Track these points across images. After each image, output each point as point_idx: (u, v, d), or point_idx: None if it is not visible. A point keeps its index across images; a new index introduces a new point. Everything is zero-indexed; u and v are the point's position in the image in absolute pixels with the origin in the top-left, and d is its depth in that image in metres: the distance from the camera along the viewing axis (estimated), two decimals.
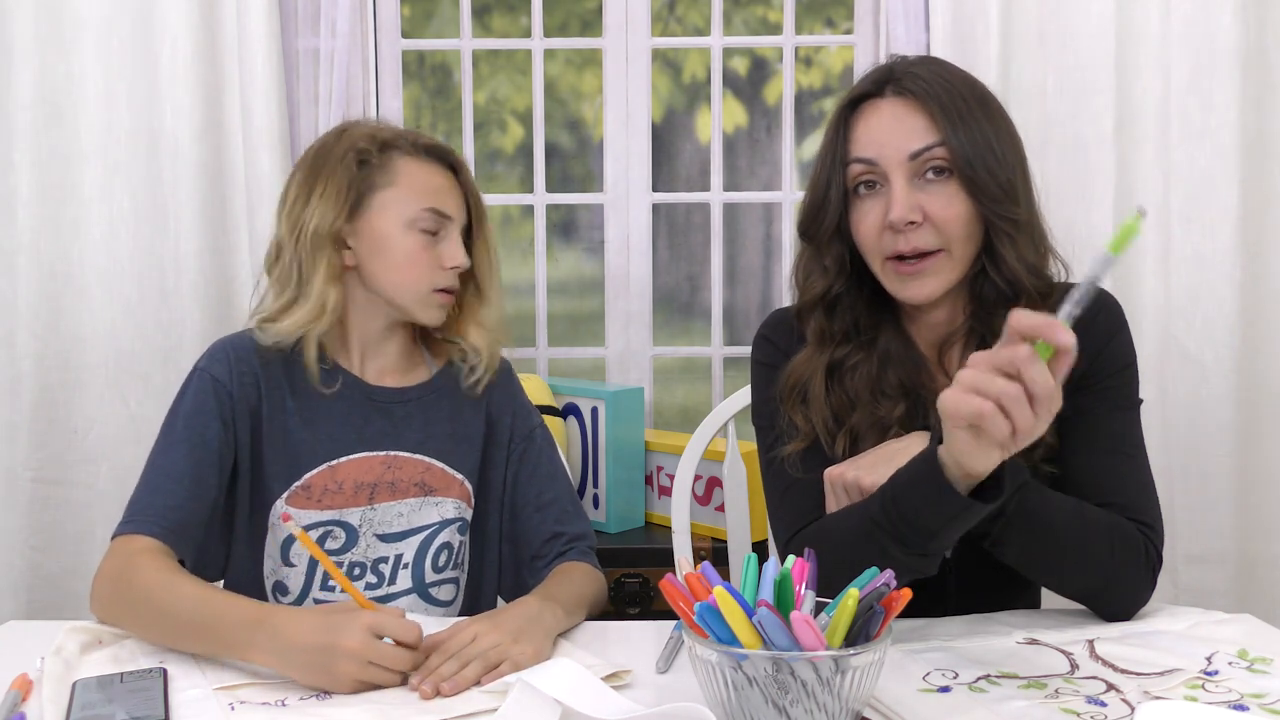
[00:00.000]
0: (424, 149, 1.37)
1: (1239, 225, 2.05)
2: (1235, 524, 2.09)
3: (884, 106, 1.18)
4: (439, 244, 1.35)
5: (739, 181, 2.41)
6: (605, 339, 2.34)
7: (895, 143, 1.16)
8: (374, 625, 1.02)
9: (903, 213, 1.14)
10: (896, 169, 1.16)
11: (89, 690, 1.01)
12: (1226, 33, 2.02)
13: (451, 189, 1.38)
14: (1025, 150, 1.23)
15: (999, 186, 1.15)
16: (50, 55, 2.01)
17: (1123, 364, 1.24)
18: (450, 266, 1.35)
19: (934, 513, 1.00)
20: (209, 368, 1.33)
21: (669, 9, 2.48)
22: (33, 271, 2.02)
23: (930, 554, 1.04)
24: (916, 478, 1.01)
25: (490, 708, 0.96)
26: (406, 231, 1.34)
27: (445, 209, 1.36)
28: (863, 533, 1.06)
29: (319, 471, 1.34)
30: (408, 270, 1.34)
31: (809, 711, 0.84)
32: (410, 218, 1.34)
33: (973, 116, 1.15)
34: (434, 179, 1.37)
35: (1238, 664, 1.05)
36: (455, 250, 1.36)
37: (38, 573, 2.03)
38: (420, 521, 1.38)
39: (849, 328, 1.25)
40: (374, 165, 1.34)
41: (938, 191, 1.16)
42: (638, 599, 1.97)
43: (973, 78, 1.22)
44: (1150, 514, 1.20)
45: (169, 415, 1.32)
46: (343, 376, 1.37)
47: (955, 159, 1.14)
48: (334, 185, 1.32)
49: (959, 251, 1.17)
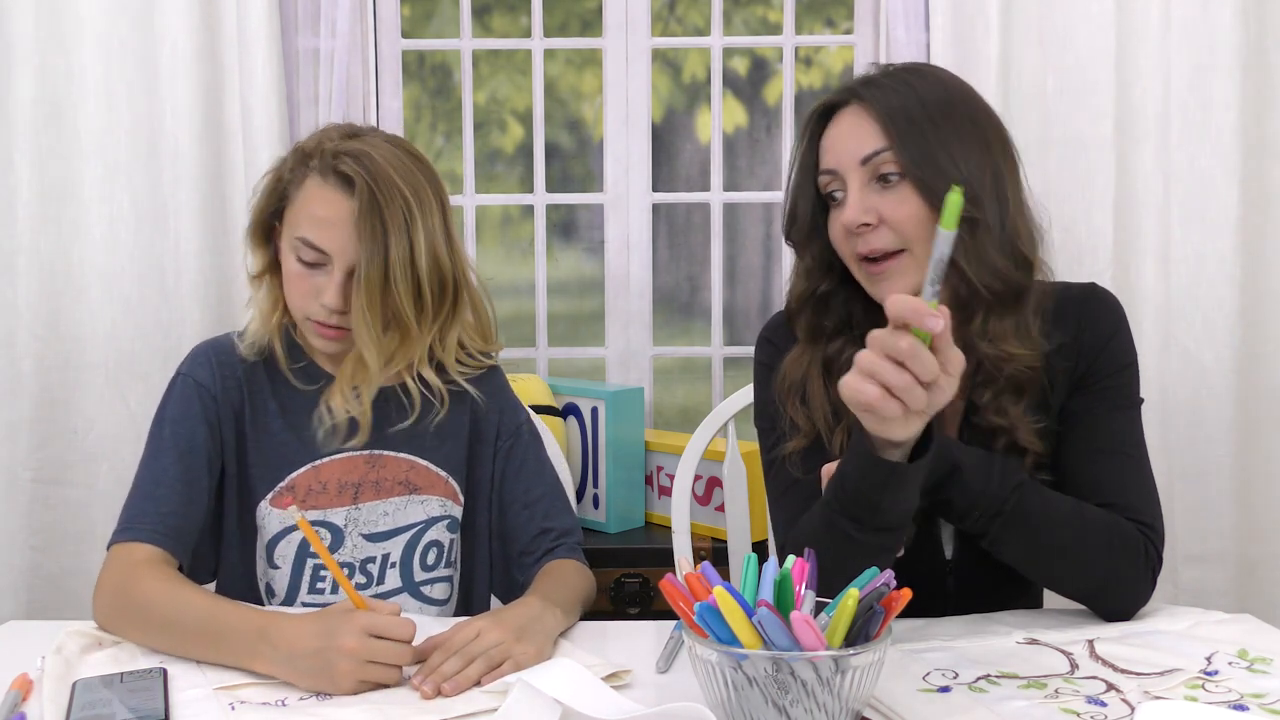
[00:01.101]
0: (333, 173, 1.26)
1: (1239, 225, 2.04)
2: (1235, 524, 2.08)
3: (843, 117, 1.22)
4: (316, 276, 1.28)
5: (739, 181, 2.41)
6: (605, 339, 2.34)
7: (849, 149, 1.19)
8: (369, 625, 1.03)
9: (854, 216, 1.18)
10: (851, 174, 1.19)
11: (89, 690, 1.01)
12: (1226, 33, 2.02)
13: (340, 223, 1.24)
14: (1014, 154, 1.22)
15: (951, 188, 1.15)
16: (50, 55, 2.00)
17: (1123, 363, 1.25)
18: (319, 303, 1.27)
19: (868, 482, 1.01)
20: (191, 372, 1.34)
21: (669, 9, 2.48)
22: (33, 271, 2.02)
23: (887, 529, 1.04)
24: (851, 453, 1.03)
25: (490, 708, 0.96)
26: (290, 252, 1.29)
27: (319, 243, 1.25)
28: (824, 522, 1.07)
29: (303, 472, 1.34)
30: (291, 292, 1.31)
31: (809, 711, 0.84)
32: (292, 241, 1.28)
33: (928, 121, 1.17)
34: (324, 209, 1.25)
35: (1238, 664, 1.05)
36: (325, 287, 1.26)
37: (38, 573, 2.03)
38: (406, 520, 1.38)
39: (841, 323, 1.27)
40: (290, 178, 1.30)
41: (890, 194, 1.18)
42: (638, 599, 1.97)
43: (950, 85, 1.22)
44: (1150, 514, 1.20)
45: (155, 422, 1.32)
46: (323, 376, 1.36)
47: (902, 162, 1.16)
48: (269, 180, 1.33)
49: (921, 251, 1.18)
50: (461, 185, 2.31)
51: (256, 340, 1.34)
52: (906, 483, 1.01)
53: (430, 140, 2.47)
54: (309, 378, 1.36)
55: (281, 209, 1.32)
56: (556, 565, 1.35)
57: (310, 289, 1.28)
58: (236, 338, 1.36)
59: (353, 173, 1.24)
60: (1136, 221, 2.06)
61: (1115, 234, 2.05)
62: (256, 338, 1.34)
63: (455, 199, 2.31)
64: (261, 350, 1.35)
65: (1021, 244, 1.20)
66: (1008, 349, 1.18)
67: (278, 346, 1.34)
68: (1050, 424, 1.22)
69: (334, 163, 1.26)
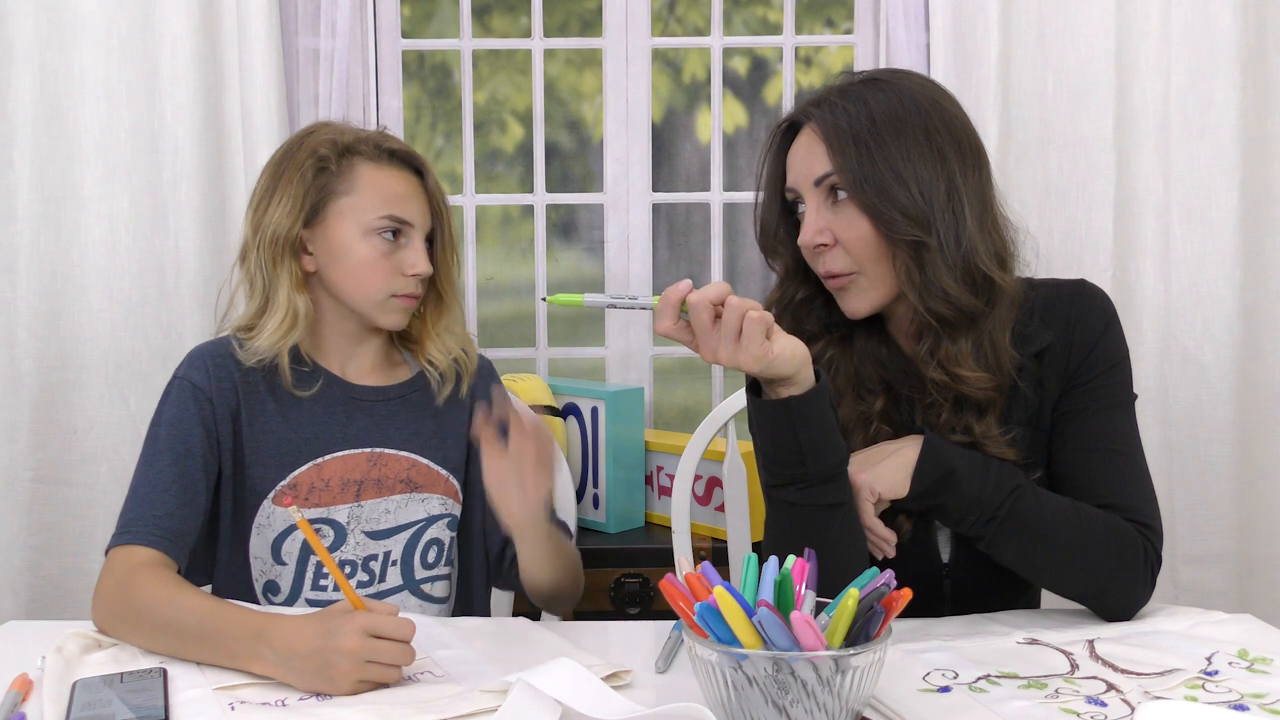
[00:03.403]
0: (387, 154, 1.36)
1: (1239, 225, 2.05)
2: (1235, 524, 2.08)
3: (801, 137, 1.23)
4: (399, 251, 1.35)
5: (739, 181, 2.41)
6: (605, 339, 2.34)
7: (804, 170, 1.21)
8: (368, 625, 1.03)
9: (809, 237, 1.20)
10: (808, 194, 1.21)
11: (89, 690, 1.01)
12: (1226, 33, 2.02)
13: (414, 194, 1.37)
14: (980, 163, 1.20)
15: (898, 209, 1.15)
16: (50, 55, 2.00)
17: (1114, 360, 1.24)
18: (411, 274, 1.35)
19: (777, 428, 1.06)
20: (188, 375, 1.34)
21: (669, 9, 2.47)
22: (33, 271, 2.01)
23: (823, 480, 1.08)
24: (754, 420, 1.09)
25: (490, 707, 0.96)
26: (365, 238, 1.33)
27: (405, 215, 1.34)
28: (772, 508, 1.12)
29: (305, 469, 1.35)
30: (366, 277, 1.34)
31: (809, 711, 0.84)
32: (369, 225, 1.33)
33: (874, 140, 1.16)
34: (395, 185, 1.35)
35: (1238, 664, 1.05)
36: (417, 257, 1.35)
37: (38, 573, 2.03)
38: (407, 518, 1.38)
39: (821, 326, 1.27)
40: (333, 172, 1.33)
41: (842, 214, 1.18)
42: (638, 599, 1.97)
43: (909, 95, 1.18)
44: (1148, 513, 1.20)
45: (152, 426, 1.33)
46: (324, 376, 1.37)
47: (847, 183, 1.17)
48: (291, 192, 1.33)
49: (873, 271, 1.19)
50: (461, 185, 2.31)
51: (266, 355, 1.33)
52: (810, 414, 1.04)
53: (430, 140, 2.47)
54: (310, 380, 1.36)
55: (316, 213, 1.33)
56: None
57: (392, 267, 1.34)
58: (235, 342, 1.35)
59: (403, 150, 1.37)
60: (1136, 221, 2.06)
61: (1115, 234, 2.05)
62: (266, 353, 1.33)
63: (455, 199, 2.32)
64: (264, 362, 1.34)
65: (980, 261, 1.16)
66: (960, 372, 1.17)
67: (284, 360, 1.34)
68: (1031, 430, 1.22)
69: (385, 145, 1.36)
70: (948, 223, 1.15)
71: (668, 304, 1.03)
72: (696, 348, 1.04)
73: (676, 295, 1.03)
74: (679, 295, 1.03)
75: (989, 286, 1.18)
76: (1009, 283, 1.19)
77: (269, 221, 1.33)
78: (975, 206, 1.18)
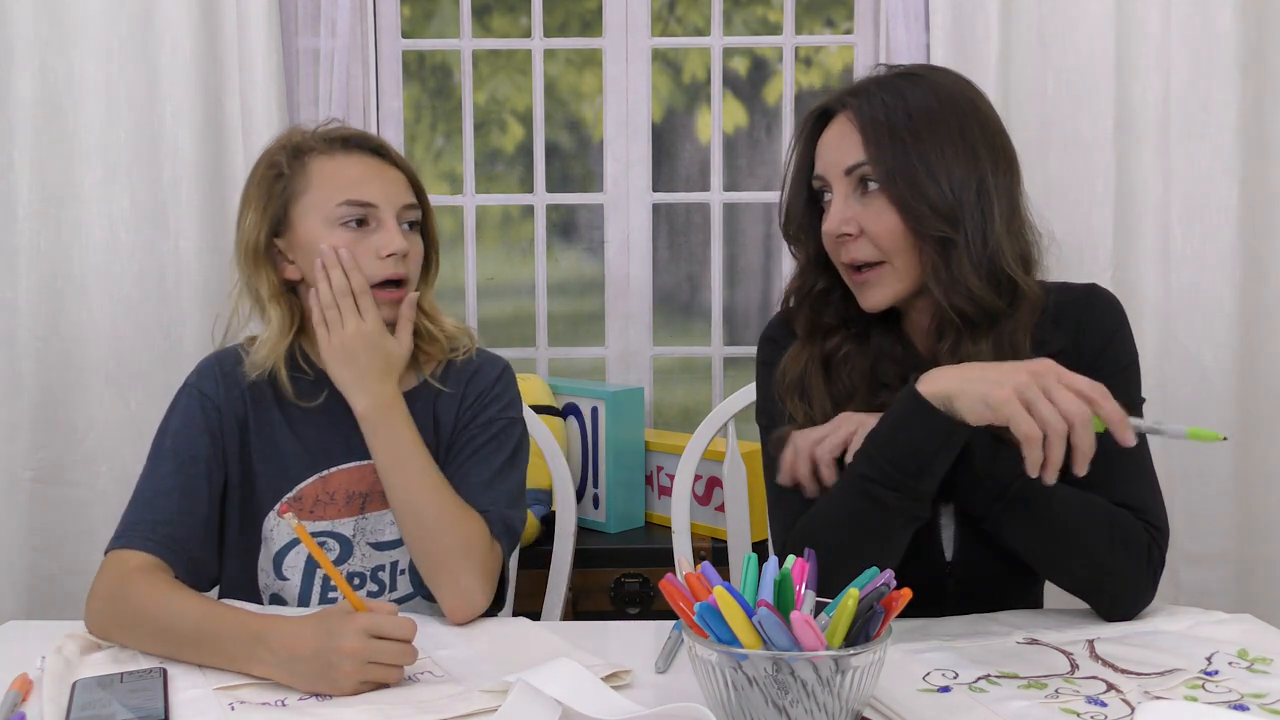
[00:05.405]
0: (339, 142, 1.33)
1: (1239, 225, 2.05)
2: (1235, 524, 2.08)
3: (834, 124, 1.23)
4: (370, 236, 1.31)
5: (739, 181, 2.41)
6: (605, 339, 2.34)
7: (836, 159, 1.21)
8: (369, 626, 1.02)
9: (834, 225, 1.20)
10: (837, 183, 1.21)
11: (89, 690, 1.01)
12: (1226, 33, 2.02)
13: (373, 175, 1.32)
14: (1011, 165, 1.21)
15: (928, 205, 1.16)
16: (50, 55, 2.00)
17: (1124, 364, 1.24)
18: (386, 254, 1.30)
19: (926, 436, 1.06)
20: (198, 383, 1.34)
21: (669, 9, 2.47)
22: (33, 271, 2.01)
23: (923, 496, 1.10)
24: (906, 413, 1.08)
25: (490, 707, 0.96)
26: (330, 231, 1.30)
27: (365, 197, 1.30)
28: (856, 492, 1.10)
29: (310, 483, 1.34)
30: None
31: (809, 711, 0.84)
32: (330, 216, 1.30)
33: (910, 134, 1.16)
34: (349, 170, 1.32)
35: (1238, 664, 1.05)
36: (389, 237, 1.30)
37: (38, 573, 2.03)
38: None
39: (839, 319, 1.27)
40: (288, 175, 1.32)
41: (870, 205, 1.19)
42: (638, 599, 1.97)
43: (945, 92, 1.20)
44: (1155, 515, 1.20)
45: (158, 433, 1.32)
46: (328, 387, 1.34)
47: (879, 175, 1.17)
48: (255, 204, 1.32)
49: (900, 263, 1.19)
50: (461, 185, 2.31)
51: (264, 367, 1.32)
52: (956, 445, 1.06)
53: (430, 140, 2.47)
54: (313, 392, 1.35)
55: (282, 218, 1.32)
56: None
57: (365, 253, 1.30)
58: (244, 352, 1.35)
59: (356, 135, 1.34)
60: (1136, 221, 2.06)
61: (1115, 234, 2.05)
62: (263, 365, 1.32)
63: (455, 199, 2.32)
64: (263, 374, 1.33)
65: (1005, 262, 1.18)
66: None
67: (281, 370, 1.32)
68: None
69: (336, 135, 1.34)
70: (976, 221, 1.17)
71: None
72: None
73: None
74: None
75: (1012, 288, 1.19)
76: (1032, 286, 1.21)
77: (241, 235, 1.33)
78: (1004, 208, 1.19)
